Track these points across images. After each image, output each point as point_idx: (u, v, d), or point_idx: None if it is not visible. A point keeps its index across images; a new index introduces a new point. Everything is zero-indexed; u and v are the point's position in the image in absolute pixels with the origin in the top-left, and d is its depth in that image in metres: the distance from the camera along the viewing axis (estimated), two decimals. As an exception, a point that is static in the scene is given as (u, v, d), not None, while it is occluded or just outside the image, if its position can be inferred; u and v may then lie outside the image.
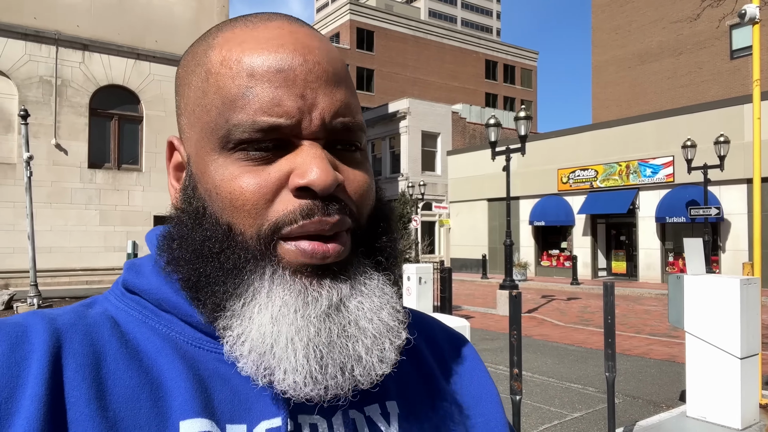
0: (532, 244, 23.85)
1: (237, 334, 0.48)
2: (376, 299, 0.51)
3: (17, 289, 12.29)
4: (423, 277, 8.56)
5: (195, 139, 0.53)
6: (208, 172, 0.51)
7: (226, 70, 0.50)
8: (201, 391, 0.49)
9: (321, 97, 0.50)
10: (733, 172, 16.46)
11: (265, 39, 0.51)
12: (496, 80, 53.65)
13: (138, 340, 0.51)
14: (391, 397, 0.58)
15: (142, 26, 15.39)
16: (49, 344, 0.46)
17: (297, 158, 0.49)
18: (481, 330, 10.25)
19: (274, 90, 0.49)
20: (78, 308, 0.53)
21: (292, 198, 0.49)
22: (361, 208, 0.53)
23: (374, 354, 0.49)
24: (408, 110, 28.69)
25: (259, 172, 0.49)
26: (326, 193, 0.48)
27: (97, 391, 0.45)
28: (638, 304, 14.81)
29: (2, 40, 13.60)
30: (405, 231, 12.04)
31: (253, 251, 0.49)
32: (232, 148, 0.50)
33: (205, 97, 0.51)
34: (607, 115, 26.80)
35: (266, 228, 0.49)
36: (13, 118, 13.57)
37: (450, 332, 0.72)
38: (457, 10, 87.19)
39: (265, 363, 0.47)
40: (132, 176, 15.36)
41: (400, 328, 0.52)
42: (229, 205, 0.49)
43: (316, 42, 0.53)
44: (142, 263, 0.57)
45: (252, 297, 0.49)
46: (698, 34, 24.55)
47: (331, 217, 0.49)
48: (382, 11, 47.74)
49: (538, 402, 5.80)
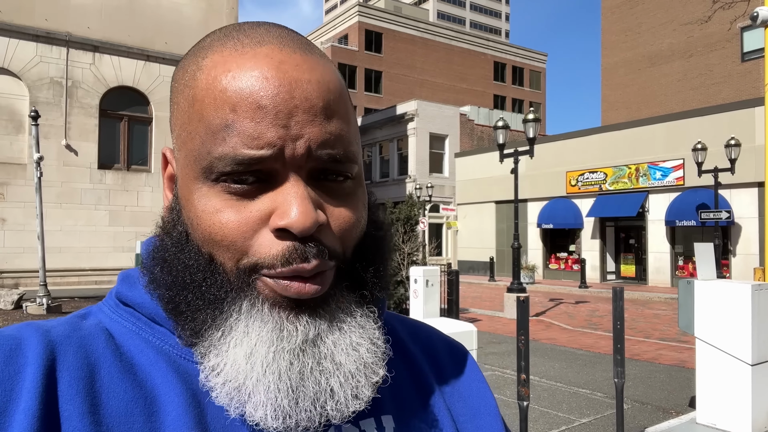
0: (540, 246, 23.75)
1: (212, 366, 0.48)
2: (355, 336, 0.51)
3: (27, 288, 12.38)
4: (430, 280, 8.53)
5: (182, 163, 0.52)
6: (192, 200, 0.50)
7: (210, 100, 0.49)
8: (194, 406, 0.49)
9: (308, 128, 0.49)
10: (744, 175, 16.32)
11: (251, 70, 0.48)
12: (504, 82, 53.52)
13: (132, 353, 0.51)
14: (387, 411, 0.57)
15: (152, 28, 15.48)
16: (44, 357, 0.46)
17: (278, 197, 0.48)
18: (489, 333, 10.20)
19: (255, 125, 0.47)
20: (72, 320, 0.53)
21: (273, 239, 0.48)
22: (346, 243, 0.52)
23: (348, 390, 0.49)
24: (416, 112, 28.67)
25: (240, 209, 0.48)
26: (305, 234, 0.47)
27: (91, 405, 0.45)
28: (647, 308, 14.70)
29: (14, 41, 13.72)
30: (413, 233, 12.03)
31: (233, 284, 0.49)
32: (214, 180, 0.49)
33: (190, 124, 0.50)
34: (617, 118, 26.65)
35: (244, 264, 0.48)
36: (23, 118, 13.68)
37: (449, 342, 0.71)
38: (466, 12, 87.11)
39: (237, 396, 0.47)
40: (141, 177, 15.44)
41: (378, 365, 0.51)
42: (209, 238, 0.49)
43: (306, 74, 0.50)
44: (136, 274, 0.57)
45: (229, 330, 0.48)
46: (709, 36, 24.37)
47: (309, 263, 0.48)
48: (391, 13, 47.78)
49: (545, 407, 5.76)
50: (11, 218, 13.68)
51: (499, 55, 53.37)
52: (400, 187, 28.74)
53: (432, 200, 26.26)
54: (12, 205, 13.68)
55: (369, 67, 44.93)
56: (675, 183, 18.74)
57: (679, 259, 19.59)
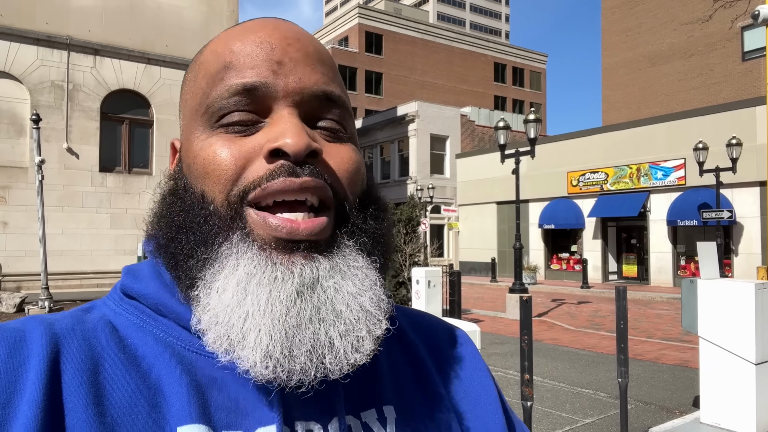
0: (541, 247, 23.73)
1: (203, 305, 0.47)
2: (357, 282, 0.49)
3: (29, 292, 12.38)
4: (432, 281, 8.53)
5: (185, 126, 0.54)
6: (192, 148, 0.52)
7: (213, 56, 0.53)
8: (198, 397, 0.48)
9: (301, 67, 0.51)
10: (746, 174, 16.29)
11: (249, 26, 0.53)
12: (505, 83, 53.52)
13: (136, 345, 0.51)
14: (388, 402, 0.56)
15: (153, 31, 15.50)
16: (48, 349, 0.46)
17: (273, 128, 0.49)
18: (491, 334, 10.19)
19: (251, 59, 0.50)
20: (76, 313, 0.53)
21: (264, 164, 0.48)
22: (346, 184, 0.51)
23: (348, 341, 0.47)
24: (417, 113, 28.67)
25: (235, 141, 0.49)
26: (299, 156, 0.47)
27: (95, 396, 0.45)
28: (650, 308, 14.67)
29: (15, 45, 13.74)
30: (414, 234, 12.01)
31: (223, 218, 0.48)
32: (214, 123, 0.50)
33: (194, 84, 0.54)
34: (618, 118, 26.64)
35: (234, 194, 0.48)
36: (25, 122, 13.69)
37: (450, 330, 0.70)
38: (466, 14, 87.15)
39: (227, 337, 0.46)
40: (142, 180, 15.45)
41: (381, 316, 0.49)
42: (203, 171, 0.49)
43: (299, 29, 0.54)
44: (140, 268, 0.57)
45: (221, 267, 0.47)
46: (709, 36, 24.35)
47: (299, 178, 0.47)
48: (391, 15, 47.81)
49: (549, 407, 5.75)
50: (13, 222, 13.68)
51: (500, 56, 53.38)
52: (402, 188, 28.73)
53: (433, 201, 26.25)
54: (13, 209, 13.69)
55: (369, 68, 44.95)
56: (676, 183, 18.72)
57: (681, 258, 19.56)
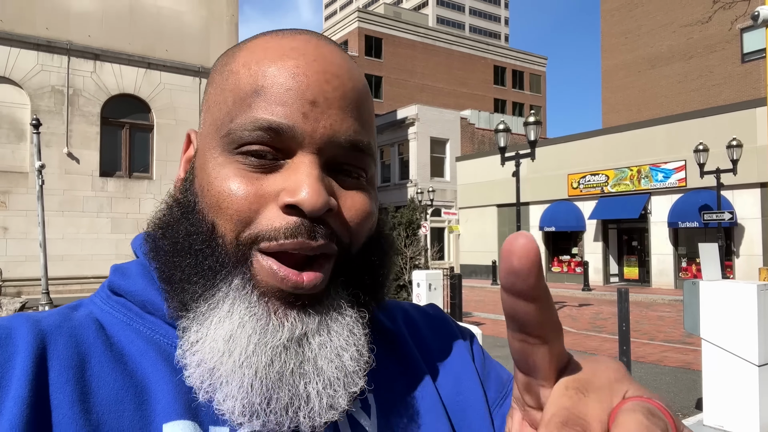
0: (542, 249, 23.71)
1: (191, 342, 0.47)
2: (342, 340, 0.49)
3: (29, 297, 12.37)
4: (433, 284, 8.52)
5: (204, 133, 0.53)
6: (207, 168, 0.50)
7: (245, 71, 0.50)
8: (184, 394, 0.48)
9: (334, 111, 0.49)
10: (747, 176, 16.29)
11: (288, 47, 0.50)
12: (504, 86, 53.59)
13: (122, 343, 0.50)
14: (371, 390, 0.56)
15: (153, 36, 15.53)
16: (34, 346, 0.46)
17: (292, 176, 0.47)
18: (493, 337, 10.17)
19: (283, 94, 0.48)
20: (63, 311, 0.53)
21: (280, 214, 0.47)
22: (355, 236, 0.51)
23: (325, 399, 0.47)
24: (416, 116, 28.70)
25: (252, 181, 0.48)
26: (315, 215, 0.46)
27: (81, 394, 0.45)
28: (651, 310, 14.64)
29: (15, 50, 13.77)
30: (415, 237, 12.02)
31: (228, 257, 0.48)
32: (233, 149, 0.49)
33: (221, 94, 0.52)
34: (618, 120, 26.65)
35: (245, 236, 0.47)
36: (25, 127, 13.71)
37: (423, 311, 0.70)
38: (465, 17, 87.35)
39: (209, 380, 0.46)
40: (143, 184, 15.46)
41: (359, 375, 0.49)
42: (216, 204, 0.48)
43: (339, 59, 0.51)
44: (128, 266, 0.57)
45: (215, 305, 0.47)
46: (708, 38, 24.39)
47: (315, 241, 0.47)
48: (390, 18, 47.90)
49: (550, 410, 5.73)
50: (13, 227, 13.69)
51: (499, 59, 53.46)
52: (402, 191, 28.74)
53: (433, 204, 26.25)
54: (14, 214, 13.70)
55: (369, 72, 45.02)
56: (677, 184, 18.71)
57: (683, 260, 19.53)
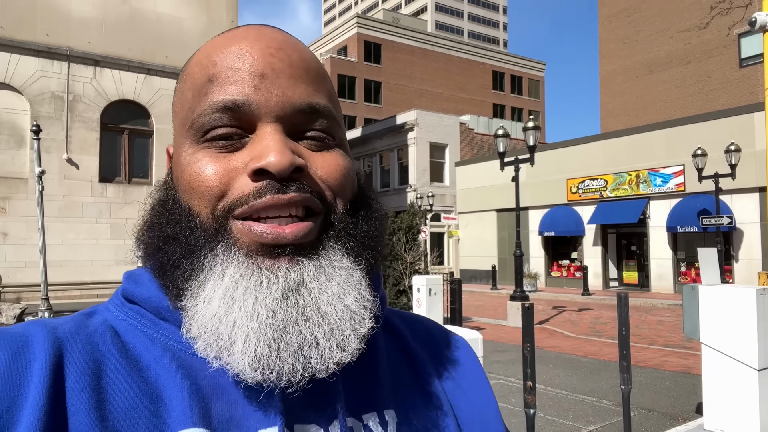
0: (542, 254, 23.71)
1: (191, 315, 0.48)
2: (342, 282, 0.50)
3: (29, 303, 12.34)
4: (433, 289, 8.52)
5: (175, 136, 0.55)
6: (180, 162, 0.53)
7: (198, 68, 0.53)
8: (199, 401, 0.48)
9: (284, 79, 0.51)
10: (745, 180, 16.31)
11: (232, 35, 0.53)
12: (503, 91, 53.69)
13: (137, 350, 0.51)
14: (390, 406, 0.57)
15: (153, 42, 15.56)
16: (51, 353, 0.46)
17: (257, 146, 0.49)
18: (492, 342, 10.16)
19: (234, 73, 0.50)
20: (78, 317, 0.53)
21: (249, 182, 0.49)
22: (334, 191, 0.52)
23: (333, 341, 0.48)
24: (416, 122, 28.74)
25: (220, 159, 0.50)
26: (282, 174, 0.48)
27: (97, 401, 0.45)
28: (651, 314, 14.63)
29: (15, 56, 13.79)
30: (414, 242, 12.01)
31: (208, 230, 0.50)
32: (200, 138, 0.51)
33: (182, 96, 0.54)
34: (616, 125, 26.71)
35: (220, 208, 0.49)
36: (25, 133, 13.72)
37: (449, 335, 0.70)
38: (464, 22, 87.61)
39: (215, 345, 0.47)
40: (142, 190, 15.46)
41: (366, 316, 0.50)
42: (188, 186, 0.51)
43: (283, 36, 0.54)
44: (141, 273, 0.57)
45: (206, 277, 0.48)
46: (706, 43, 24.48)
47: (285, 195, 0.48)
48: (389, 24, 48.04)
49: (551, 415, 5.72)
50: (13, 232, 13.68)
51: (498, 64, 53.59)
52: (401, 196, 28.74)
53: (433, 209, 26.25)
54: (14, 220, 13.69)
55: (368, 77, 45.11)
56: (676, 189, 18.74)
57: (682, 265, 19.53)
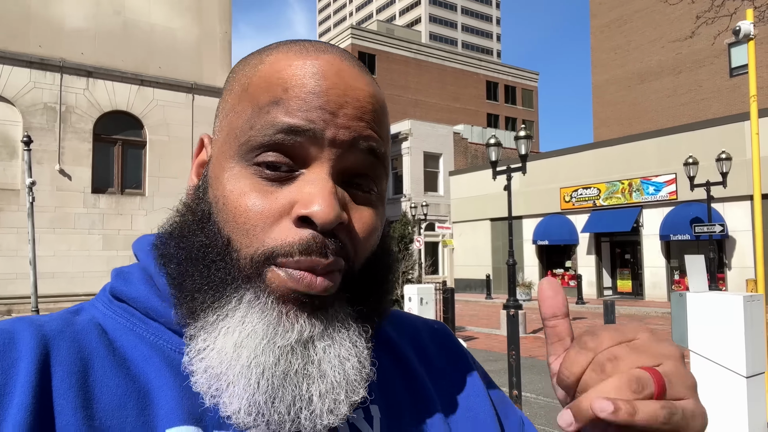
0: (536, 263, 23.73)
1: (198, 349, 0.48)
2: (344, 350, 0.50)
3: (19, 315, 12.25)
4: (424, 298, 8.50)
5: (221, 141, 0.53)
6: (221, 179, 0.51)
7: (265, 84, 0.50)
8: (188, 399, 0.48)
9: (354, 121, 0.50)
10: (737, 188, 16.41)
11: (311, 66, 0.50)
12: (497, 101, 54.00)
13: (125, 348, 0.51)
14: (374, 401, 0.57)
15: (146, 53, 15.60)
16: (37, 351, 0.46)
17: (305, 187, 0.48)
18: (485, 351, 10.13)
19: (303, 102, 0.49)
20: (65, 315, 0.53)
21: (293, 228, 0.48)
22: (360, 251, 0.52)
23: (327, 402, 0.48)
24: (410, 131, 28.85)
25: (267, 194, 0.49)
26: (326, 228, 0.47)
27: (84, 399, 0.45)
28: (644, 323, 14.62)
29: (7, 68, 13.79)
30: (407, 252, 12.02)
31: (243, 271, 0.48)
32: (250, 158, 0.49)
33: (239, 104, 0.52)
34: (609, 134, 26.88)
35: (261, 252, 0.48)
36: (17, 144, 13.68)
37: (431, 326, 0.71)
38: (458, 33, 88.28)
39: (216, 384, 0.47)
40: (135, 200, 15.43)
41: (360, 385, 0.50)
42: (232, 219, 0.49)
43: (361, 84, 0.52)
44: (130, 271, 0.57)
45: (225, 316, 0.48)
46: (697, 53, 24.72)
47: (326, 259, 0.47)
48: (384, 35, 48.34)
49: (542, 425, 5.70)
50: (4, 244, 13.60)
51: (492, 74, 53.93)
52: (395, 206, 28.78)
53: (427, 219, 26.28)
54: (5, 231, 13.62)
55: (363, 88, 45.26)
56: (668, 197, 18.83)
57: (675, 273, 19.58)
